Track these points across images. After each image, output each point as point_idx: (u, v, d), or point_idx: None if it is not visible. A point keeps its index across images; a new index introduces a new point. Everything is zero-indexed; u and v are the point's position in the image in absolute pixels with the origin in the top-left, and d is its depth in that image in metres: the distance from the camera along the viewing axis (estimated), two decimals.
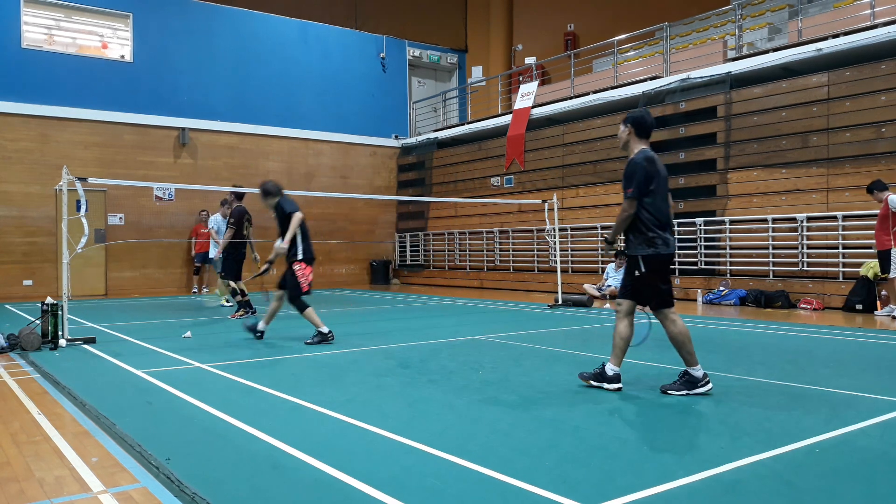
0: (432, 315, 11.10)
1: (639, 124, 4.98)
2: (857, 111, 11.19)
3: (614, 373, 4.98)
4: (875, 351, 6.94)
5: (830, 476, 3.18)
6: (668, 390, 4.86)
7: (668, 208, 4.92)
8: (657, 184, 4.83)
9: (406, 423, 4.20)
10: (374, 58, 20.46)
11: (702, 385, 4.83)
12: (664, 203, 4.89)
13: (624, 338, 4.96)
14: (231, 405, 4.62)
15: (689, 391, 4.82)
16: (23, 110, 15.13)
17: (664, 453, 3.50)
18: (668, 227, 4.88)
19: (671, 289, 4.98)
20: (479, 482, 3.10)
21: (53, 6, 15.90)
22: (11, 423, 4.39)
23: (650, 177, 4.80)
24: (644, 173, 4.79)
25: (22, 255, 15.06)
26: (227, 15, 17.86)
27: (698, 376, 4.84)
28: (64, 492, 3.16)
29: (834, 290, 11.14)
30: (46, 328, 7.43)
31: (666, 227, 4.87)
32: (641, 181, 4.78)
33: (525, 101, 17.10)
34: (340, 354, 6.87)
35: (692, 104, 13.52)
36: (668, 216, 4.90)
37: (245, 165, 17.95)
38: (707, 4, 15.82)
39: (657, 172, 4.85)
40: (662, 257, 4.85)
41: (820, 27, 12.25)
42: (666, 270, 4.96)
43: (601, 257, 14.85)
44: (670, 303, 4.93)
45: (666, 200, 4.92)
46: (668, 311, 4.91)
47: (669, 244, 4.86)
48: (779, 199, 12.07)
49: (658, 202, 4.84)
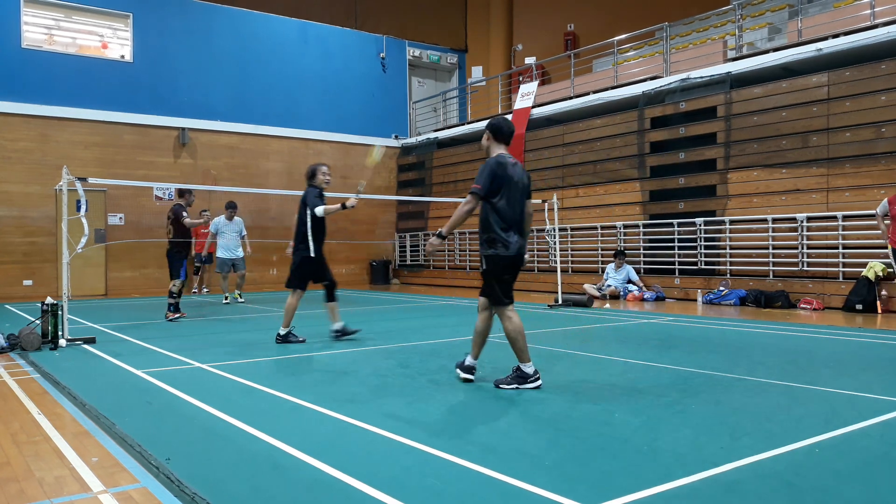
0: (432, 315, 11.10)
1: (496, 131, 5.22)
2: (857, 111, 11.19)
3: (470, 363, 5.30)
4: (875, 351, 6.94)
5: (830, 476, 3.18)
6: (500, 384, 5.09)
7: (517, 214, 5.09)
8: (507, 188, 5.04)
9: (406, 423, 4.20)
10: (374, 58, 20.46)
11: (531, 381, 5.06)
12: (513, 208, 5.07)
13: (478, 332, 5.25)
14: (231, 405, 4.62)
15: (519, 385, 5.05)
16: (23, 110, 15.14)
17: (664, 453, 3.50)
18: (513, 230, 5.07)
19: (509, 288, 5.17)
20: (479, 482, 3.10)
21: (53, 6, 15.90)
22: (11, 423, 4.39)
23: (496, 178, 5.02)
24: (490, 173, 5.03)
25: (22, 255, 15.06)
26: (227, 15, 17.86)
27: (529, 372, 5.07)
28: (64, 492, 3.16)
29: (834, 290, 11.14)
30: (46, 328, 7.43)
31: (510, 231, 5.06)
32: (486, 180, 5.02)
33: (525, 101, 17.11)
34: (340, 354, 6.87)
35: (692, 104, 13.52)
36: (515, 221, 5.09)
37: (245, 165, 17.96)
38: (707, 4, 15.82)
39: (508, 177, 5.05)
40: (500, 258, 5.06)
41: (820, 27, 12.25)
42: (505, 271, 5.12)
43: (601, 257, 14.85)
44: (504, 301, 5.12)
45: (516, 206, 5.09)
46: (504, 309, 5.13)
47: (510, 247, 5.05)
48: (779, 199, 12.07)
49: (506, 206, 5.05)
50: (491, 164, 5.08)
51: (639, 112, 14.49)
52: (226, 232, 13.38)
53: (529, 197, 5.24)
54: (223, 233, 13.40)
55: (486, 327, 5.25)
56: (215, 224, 13.48)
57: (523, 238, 5.18)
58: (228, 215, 13.49)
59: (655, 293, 13.23)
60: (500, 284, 5.10)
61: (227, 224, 13.42)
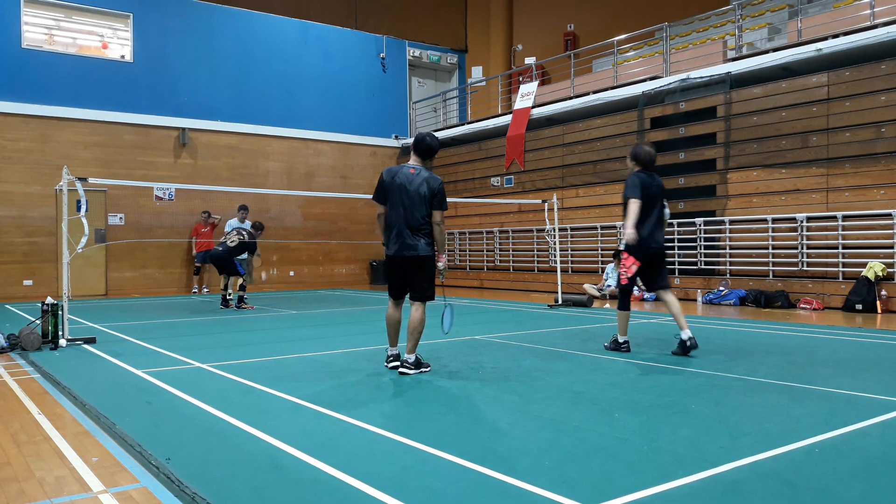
0: (432, 315, 11.07)
1: (416, 142, 5.85)
2: (857, 111, 11.19)
3: (393, 353, 5.94)
4: (875, 351, 6.94)
5: (830, 476, 3.18)
6: (404, 371, 5.68)
7: (399, 219, 5.62)
8: (391, 194, 5.67)
9: (406, 423, 4.20)
10: (374, 58, 20.46)
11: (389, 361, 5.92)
12: (398, 213, 5.63)
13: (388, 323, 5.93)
14: (231, 405, 4.62)
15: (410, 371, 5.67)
16: (23, 110, 15.14)
17: (664, 453, 3.50)
18: (394, 232, 5.65)
19: (394, 284, 5.86)
20: (479, 482, 3.10)
21: (53, 6, 15.90)
22: (11, 423, 4.39)
23: (382, 185, 5.73)
24: (379, 181, 5.78)
25: (22, 255, 15.06)
26: (228, 15, 17.86)
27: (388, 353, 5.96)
28: (64, 492, 3.16)
29: (834, 290, 11.15)
30: (47, 328, 7.43)
31: (391, 232, 5.67)
32: (377, 187, 5.79)
33: (525, 102, 17.10)
34: (340, 354, 6.87)
35: (692, 104, 13.52)
36: (397, 224, 5.65)
37: (245, 165, 17.95)
38: (707, 4, 15.81)
39: (392, 184, 5.67)
40: (387, 257, 5.77)
41: (820, 27, 12.24)
42: (390, 268, 5.81)
43: (601, 257, 14.86)
44: (393, 295, 5.89)
45: (400, 210, 5.62)
46: (393, 302, 5.88)
47: (389, 247, 5.71)
48: (778, 199, 12.07)
49: (391, 211, 5.68)
50: (382, 174, 5.81)
51: (639, 112, 14.49)
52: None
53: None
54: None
55: (390, 317, 5.92)
56: (230, 225, 13.53)
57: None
58: (241, 217, 13.61)
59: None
60: (387, 279, 5.93)
61: (240, 226, 13.34)
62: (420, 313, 5.73)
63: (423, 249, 5.65)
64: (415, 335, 5.70)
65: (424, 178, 5.65)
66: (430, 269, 5.75)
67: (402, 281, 5.79)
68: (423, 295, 5.77)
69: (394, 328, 5.89)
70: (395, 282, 5.84)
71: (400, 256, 5.66)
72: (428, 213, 5.66)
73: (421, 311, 5.74)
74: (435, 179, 5.70)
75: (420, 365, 5.76)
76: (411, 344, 5.70)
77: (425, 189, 5.62)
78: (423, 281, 5.73)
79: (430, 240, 5.69)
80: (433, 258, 5.75)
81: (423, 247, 5.65)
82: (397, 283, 5.83)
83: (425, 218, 5.64)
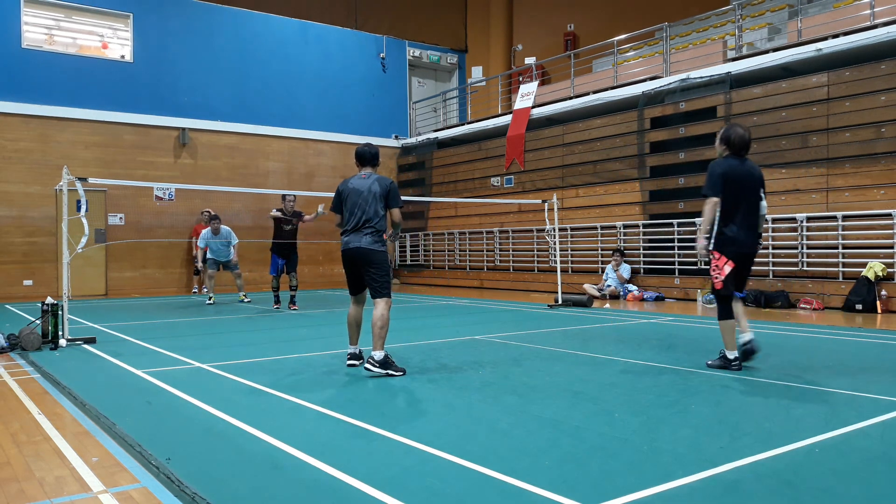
0: (432, 315, 11.10)
1: (356, 155, 6.23)
2: (857, 111, 11.18)
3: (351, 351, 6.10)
4: (875, 351, 6.94)
5: (830, 476, 3.19)
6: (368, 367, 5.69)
7: (354, 218, 5.88)
8: (347, 200, 5.96)
9: (406, 423, 4.20)
10: (374, 58, 20.46)
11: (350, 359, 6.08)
12: (354, 214, 5.89)
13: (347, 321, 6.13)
14: (231, 405, 4.62)
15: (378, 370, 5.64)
16: (23, 110, 15.13)
17: (664, 453, 3.50)
18: (348, 230, 5.91)
19: (349, 280, 6.05)
20: (479, 482, 3.11)
21: (53, 6, 15.90)
22: (11, 423, 4.40)
23: (339, 196, 6.07)
24: (336, 193, 6.12)
25: (22, 255, 15.06)
26: (227, 15, 17.86)
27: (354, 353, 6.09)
28: (64, 492, 3.16)
29: (834, 290, 11.14)
30: (46, 328, 7.43)
31: (346, 231, 5.94)
32: (334, 198, 6.13)
33: (525, 102, 17.10)
34: (340, 354, 6.86)
35: (692, 104, 13.52)
36: (351, 223, 5.90)
37: (245, 165, 17.95)
38: (707, 4, 15.81)
39: (346, 190, 6.00)
40: (342, 252, 5.98)
41: (820, 27, 12.24)
42: (344, 264, 6.02)
43: (601, 257, 14.86)
44: (350, 291, 6.09)
45: (356, 211, 5.88)
46: (353, 298, 6.08)
47: (343, 243, 5.96)
48: (778, 199, 12.07)
49: (349, 215, 5.94)
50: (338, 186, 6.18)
51: (639, 112, 14.49)
52: (212, 245, 13.09)
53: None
54: (211, 247, 13.14)
55: (352, 316, 6.10)
56: (203, 238, 13.16)
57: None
58: (214, 228, 13.04)
59: (655, 294, 13.24)
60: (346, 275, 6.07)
61: (212, 238, 13.07)
62: (381, 310, 5.72)
63: (368, 243, 5.80)
64: (379, 333, 5.64)
65: (375, 179, 5.98)
66: (379, 263, 5.82)
67: (355, 276, 5.98)
68: (380, 291, 5.81)
69: (352, 326, 6.07)
70: (349, 278, 6.04)
71: (347, 250, 5.88)
72: (382, 210, 5.89)
73: (381, 309, 5.73)
74: (385, 179, 6.02)
75: (388, 365, 5.61)
76: (376, 342, 5.65)
77: (377, 187, 5.92)
78: (374, 275, 5.80)
79: (378, 236, 5.85)
80: (382, 254, 5.86)
81: (368, 241, 5.80)
82: (352, 278, 6.02)
83: (377, 214, 5.86)
